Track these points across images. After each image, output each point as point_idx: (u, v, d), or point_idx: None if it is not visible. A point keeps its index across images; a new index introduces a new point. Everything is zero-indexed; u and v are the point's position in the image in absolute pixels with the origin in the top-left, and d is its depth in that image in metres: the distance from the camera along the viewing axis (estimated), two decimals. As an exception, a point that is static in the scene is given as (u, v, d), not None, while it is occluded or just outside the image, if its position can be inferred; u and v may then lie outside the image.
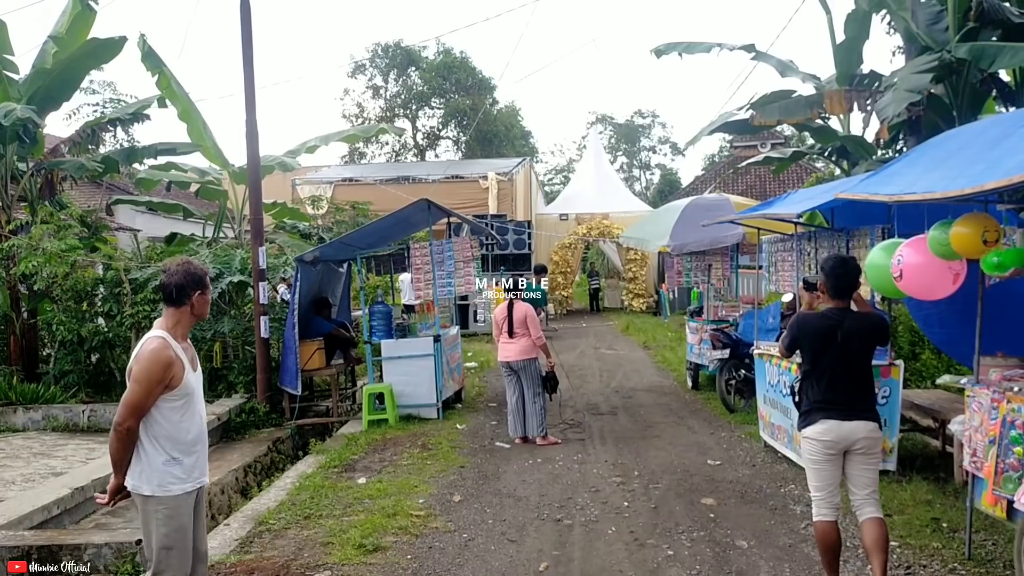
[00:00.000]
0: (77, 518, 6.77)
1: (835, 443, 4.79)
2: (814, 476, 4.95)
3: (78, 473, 7.44)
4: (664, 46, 14.60)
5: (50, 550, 5.45)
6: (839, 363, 4.84)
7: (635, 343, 19.73)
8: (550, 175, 63.72)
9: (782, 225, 9.69)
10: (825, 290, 4.97)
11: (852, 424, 4.77)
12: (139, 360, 3.73)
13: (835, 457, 4.83)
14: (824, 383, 4.87)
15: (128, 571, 5.40)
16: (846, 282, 4.89)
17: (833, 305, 4.94)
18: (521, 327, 9.25)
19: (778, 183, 32.99)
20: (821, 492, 4.90)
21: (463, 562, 5.75)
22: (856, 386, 4.88)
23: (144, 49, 13.57)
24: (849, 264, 4.96)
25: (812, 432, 4.87)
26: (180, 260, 4.03)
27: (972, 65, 10.93)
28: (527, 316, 9.27)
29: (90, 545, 5.44)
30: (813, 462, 4.92)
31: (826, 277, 4.93)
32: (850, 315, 4.92)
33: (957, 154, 4.95)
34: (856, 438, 4.77)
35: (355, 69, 47.52)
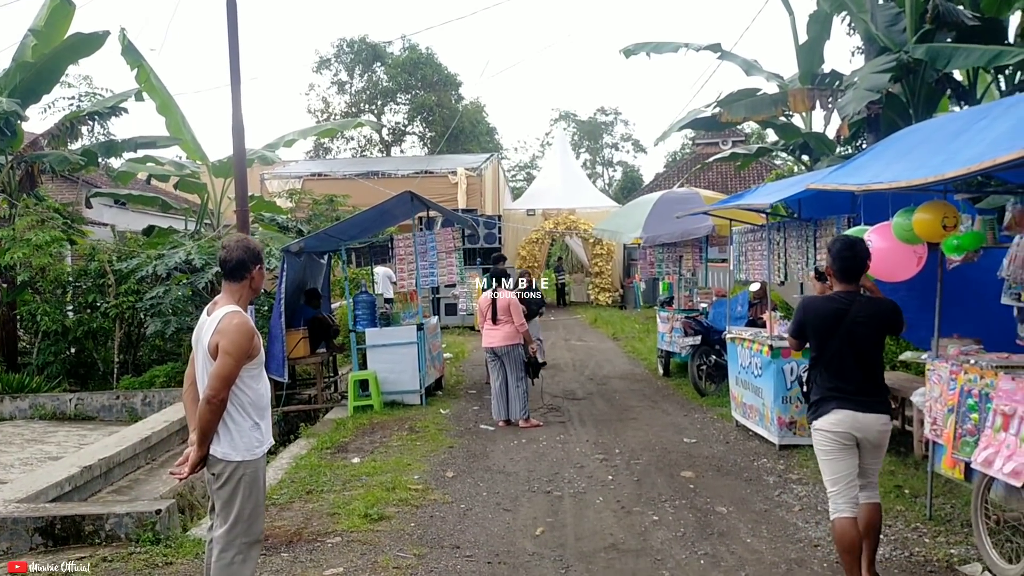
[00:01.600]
0: (85, 495, 7.02)
1: (849, 434, 4.59)
2: (829, 469, 4.69)
3: (84, 453, 7.68)
4: (633, 46, 15.04)
5: (72, 520, 5.71)
6: (847, 349, 4.63)
7: (604, 335, 20.21)
8: (513, 171, 64.10)
9: (752, 216, 10.19)
10: (832, 273, 4.79)
11: (868, 417, 4.59)
12: (226, 334, 3.91)
13: (850, 447, 4.62)
14: (833, 370, 4.66)
15: (149, 539, 5.68)
16: (854, 264, 4.68)
17: (841, 289, 4.74)
18: (505, 314, 9.64)
19: (739, 180, 33.78)
20: (837, 486, 4.64)
21: (464, 528, 6.13)
22: (867, 374, 4.66)
23: (124, 43, 13.72)
24: (857, 246, 4.75)
25: (825, 423, 4.65)
26: (237, 237, 4.29)
27: (928, 65, 11.51)
28: (511, 304, 9.67)
29: (112, 515, 5.72)
30: (827, 454, 4.68)
31: (833, 260, 4.73)
32: (859, 299, 4.70)
33: (919, 147, 5.43)
34: (871, 432, 4.60)
35: (320, 64, 47.50)
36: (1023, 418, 4.83)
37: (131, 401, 11.37)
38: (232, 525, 4.01)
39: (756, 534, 5.88)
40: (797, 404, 7.97)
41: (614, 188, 61.24)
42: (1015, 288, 5.87)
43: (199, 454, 3.98)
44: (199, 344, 4.11)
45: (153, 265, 11.53)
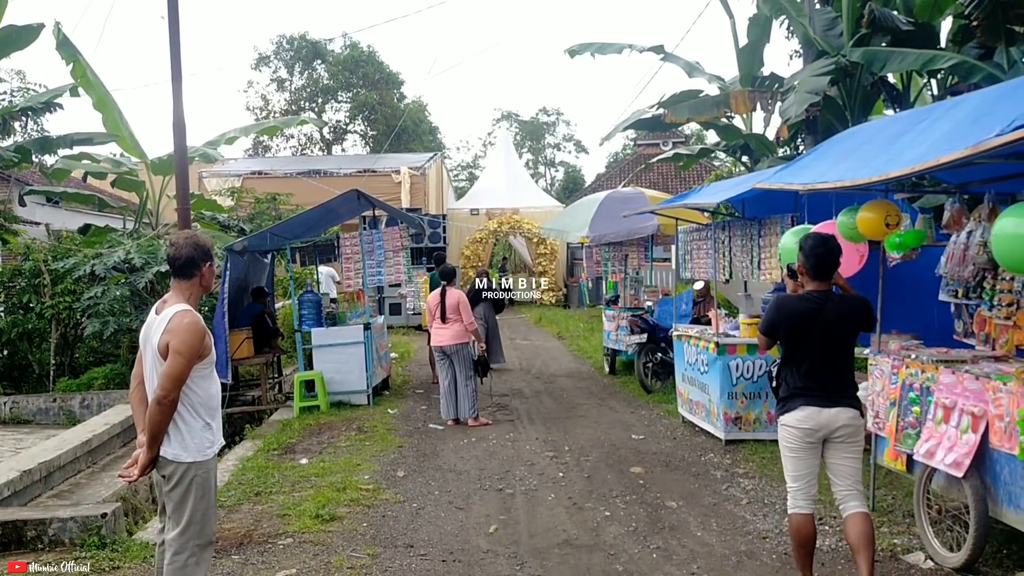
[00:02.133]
0: (24, 500, 6.81)
1: (814, 431, 4.57)
2: (791, 465, 4.70)
3: (23, 457, 7.45)
4: (577, 46, 15.17)
5: (14, 525, 5.54)
6: (820, 348, 4.58)
7: (549, 334, 20.31)
8: (456, 171, 63.98)
9: (697, 216, 10.35)
10: (804, 272, 4.69)
11: (833, 411, 4.56)
12: (177, 333, 3.83)
13: (814, 446, 4.62)
14: (804, 368, 4.61)
15: (95, 543, 5.54)
16: (827, 262, 4.61)
17: (814, 287, 4.65)
18: (454, 313, 9.63)
19: (680, 180, 34.24)
20: (798, 483, 4.66)
21: (417, 527, 6.11)
22: (837, 372, 4.65)
23: (59, 37, 13.34)
24: (830, 243, 4.66)
25: (791, 419, 4.64)
26: (186, 233, 4.20)
27: (864, 69, 11.84)
28: (459, 302, 9.67)
29: (55, 519, 5.56)
30: (791, 451, 4.68)
31: (805, 258, 4.64)
32: (832, 298, 4.65)
33: (862, 148, 5.59)
34: (836, 425, 4.56)
35: (259, 61, 46.74)
36: (963, 411, 5.01)
37: (69, 404, 11.06)
38: (185, 527, 3.94)
39: (706, 527, 5.98)
40: (743, 400, 8.13)
41: (556, 188, 61.54)
42: (952, 285, 6.07)
43: (149, 456, 3.90)
44: (147, 343, 4.02)
45: (91, 264, 11.23)
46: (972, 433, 4.88)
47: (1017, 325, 5.54)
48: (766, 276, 8.12)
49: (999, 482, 4.73)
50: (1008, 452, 4.62)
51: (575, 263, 28.30)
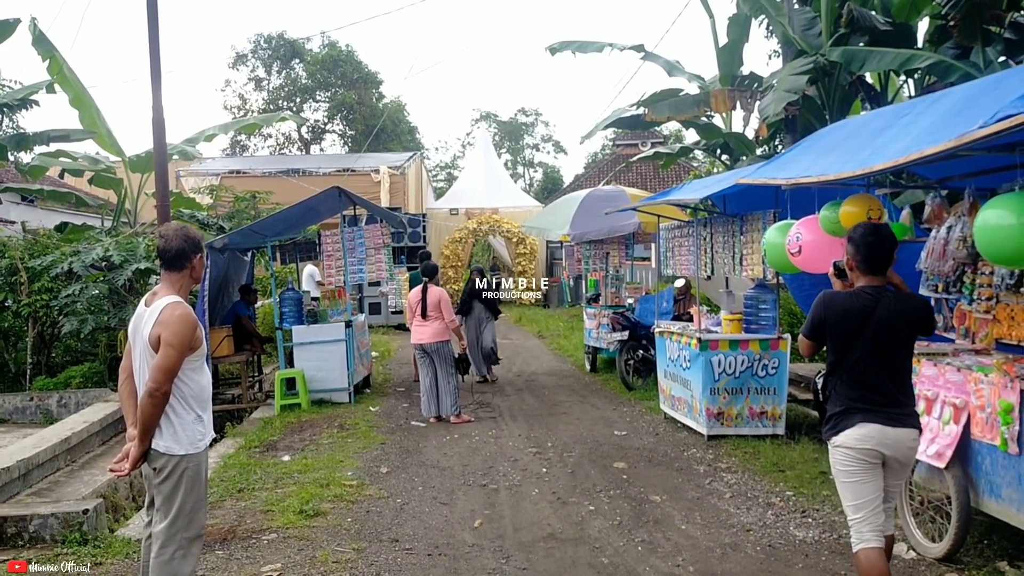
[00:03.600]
0: (3, 498, 6.71)
1: (876, 452, 3.98)
2: (852, 493, 4.07)
3: (1, 454, 7.35)
4: (558, 44, 15.20)
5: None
6: (873, 353, 4.01)
7: (529, 332, 20.33)
8: (435, 171, 63.84)
9: (677, 213, 10.41)
10: (854, 265, 4.14)
11: (899, 432, 3.97)
12: (169, 325, 3.81)
13: (876, 467, 4.01)
14: (856, 377, 4.03)
15: (76, 540, 5.49)
16: (880, 252, 4.06)
17: (866, 283, 4.09)
18: (435, 310, 9.63)
19: (659, 180, 34.36)
20: (862, 512, 4.04)
21: (402, 522, 6.10)
22: (897, 383, 4.05)
23: (35, 33, 13.20)
24: (883, 232, 4.14)
25: (848, 439, 4.01)
26: (176, 226, 4.16)
27: (843, 68, 11.96)
28: (441, 300, 9.66)
29: (36, 516, 5.50)
30: (849, 475, 4.05)
31: (855, 249, 4.10)
32: (887, 295, 4.07)
33: (845, 143, 5.64)
34: (901, 450, 4.01)
35: (237, 60, 46.45)
36: (945, 402, 5.07)
37: (46, 403, 10.91)
38: (173, 520, 3.91)
39: (690, 521, 6.01)
40: (725, 395, 8.17)
41: (535, 189, 61.56)
42: (932, 280, 6.15)
43: (141, 448, 3.87)
44: (137, 336, 3.99)
45: (68, 262, 11.09)
46: (954, 424, 4.95)
47: (996, 319, 5.62)
48: (748, 272, 8.19)
49: (981, 473, 4.79)
50: (989, 443, 4.69)
51: (555, 263, 28.34)
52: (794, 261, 5.94)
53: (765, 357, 8.17)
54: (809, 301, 8.80)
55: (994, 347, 5.54)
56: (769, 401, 8.20)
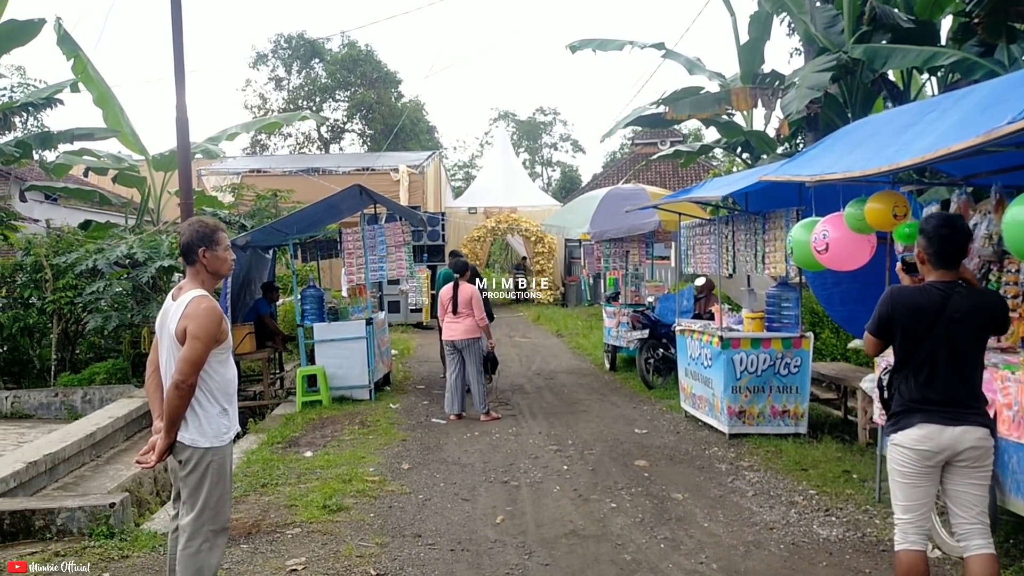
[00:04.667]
0: (30, 492, 6.81)
1: (934, 453, 3.86)
2: (904, 493, 3.98)
3: (28, 449, 7.45)
4: (578, 42, 15.18)
5: (22, 514, 5.54)
6: (943, 351, 3.86)
7: (548, 331, 20.32)
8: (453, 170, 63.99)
9: (699, 211, 10.39)
10: (925, 258, 3.97)
11: (957, 430, 3.84)
12: (195, 318, 3.84)
13: (933, 471, 3.91)
14: (923, 376, 3.90)
15: (103, 533, 5.54)
16: (954, 245, 3.90)
17: (937, 277, 3.93)
18: (466, 307, 9.65)
19: (678, 179, 34.28)
20: (910, 514, 3.97)
21: (424, 517, 6.12)
22: (964, 381, 3.90)
23: (60, 33, 13.35)
24: (957, 223, 3.98)
25: (905, 439, 3.93)
26: (192, 218, 4.20)
27: (866, 66, 11.88)
28: (472, 297, 9.68)
29: (63, 509, 5.56)
30: (904, 476, 3.96)
31: (928, 241, 3.93)
32: (958, 290, 3.89)
33: (870, 139, 5.60)
34: (962, 448, 3.84)
35: (257, 60, 46.71)
36: (970, 400, 5.02)
37: (70, 399, 11.04)
38: (199, 512, 3.95)
39: (713, 519, 6.00)
40: (747, 394, 8.14)
41: (553, 188, 61.57)
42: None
43: (167, 441, 3.90)
44: (164, 329, 4.03)
45: (93, 259, 11.21)
46: (980, 422, 4.90)
47: (1022, 316, 5.57)
48: (770, 270, 8.16)
49: (1007, 471, 4.75)
50: (1016, 441, 4.65)
51: (573, 262, 28.31)
52: (820, 259, 5.92)
53: (787, 356, 8.14)
54: (831, 299, 8.84)
55: (1020, 345, 5.49)
56: (791, 400, 8.17)
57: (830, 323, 11.03)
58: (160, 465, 3.99)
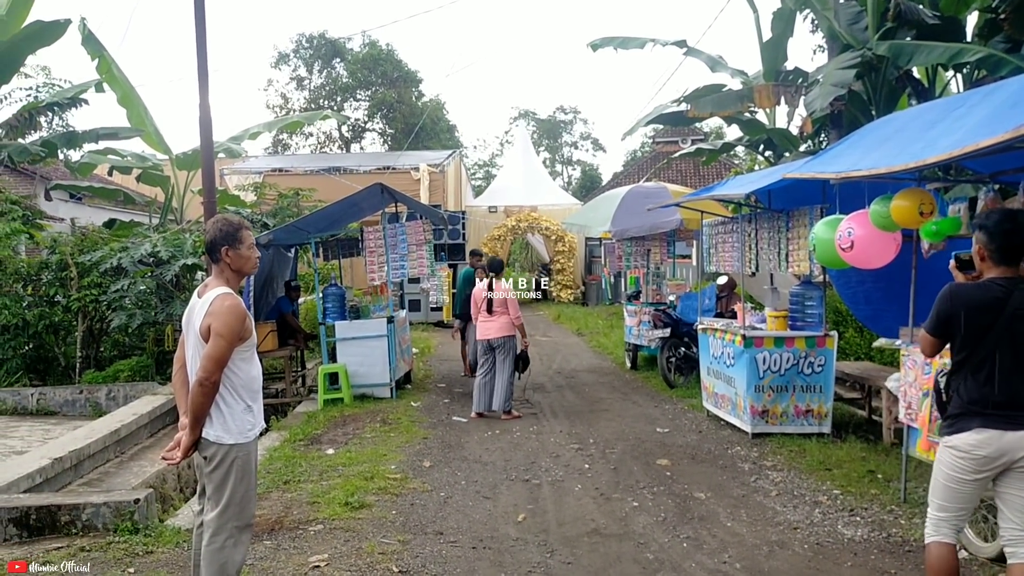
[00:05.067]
0: (56, 487, 6.88)
1: (991, 459, 3.71)
2: (947, 495, 3.88)
3: (54, 445, 7.52)
4: (600, 40, 15.14)
5: (48, 510, 5.60)
6: (1005, 350, 3.71)
7: (568, 330, 20.29)
8: (473, 169, 64.08)
9: (721, 209, 10.32)
10: (986, 255, 3.83)
11: (1018, 434, 3.68)
12: (218, 316, 3.85)
13: (985, 477, 3.78)
14: (983, 376, 3.75)
15: (128, 528, 5.59)
16: (1016, 240, 3.77)
17: (998, 273, 3.80)
18: (500, 306, 9.66)
19: (699, 178, 34.13)
20: (947, 512, 3.90)
21: (446, 515, 6.13)
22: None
23: (84, 33, 13.47)
24: (1019, 218, 3.84)
25: (962, 442, 3.78)
26: (217, 216, 4.22)
27: (890, 62, 11.77)
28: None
29: (88, 505, 5.61)
30: (953, 480, 3.84)
31: (989, 237, 3.80)
32: (1021, 286, 3.75)
33: (896, 136, 5.55)
34: (1022, 453, 3.68)
35: (279, 59, 46.98)
36: (999, 399, 4.95)
37: (95, 396, 11.15)
38: (224, 508, 3.96)
39: (736, 518, 5.96)
40: (770, 393, 8.09)
41: (573, 187, 61.52)
42: (985, 275, 6.02)
43: (192, 438, 3.92)
44: (190, 327, 4.04)
45: (117, 258, 11.31)
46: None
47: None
48: (794, 268, 8.10)
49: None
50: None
51: (593, 260, 28.25)
52: (845, 256, 5.86)
53: (811, 355, 8.08)
54: (856, 298, 8.76)
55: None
56: (815, 399, 8.11)
57: (854, 322, 10.94)
58: (185, 461, 4.01)
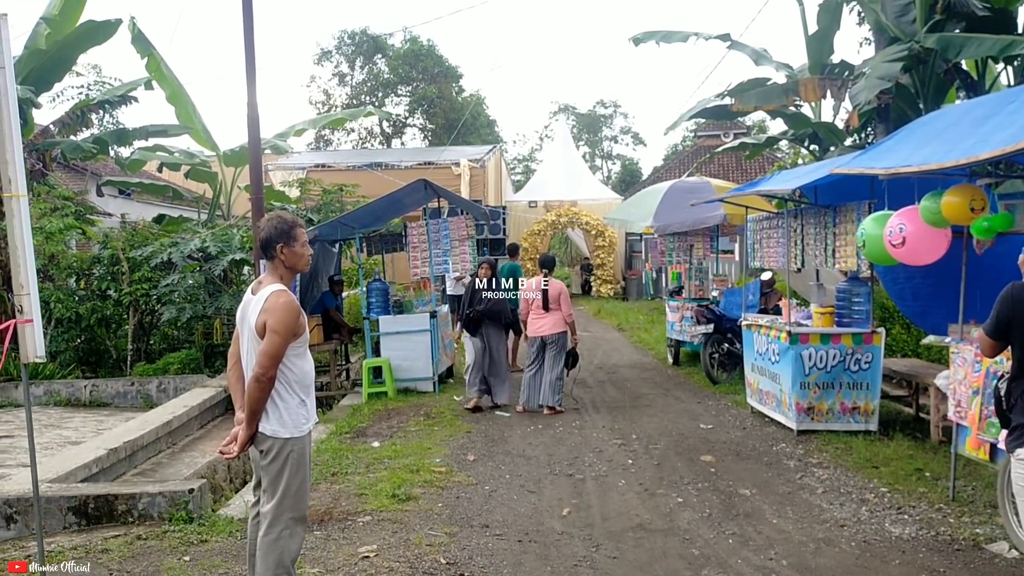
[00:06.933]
0: (111, 477, 7.07)
1: None
2: None
3: (109, 436, 7.72)
4: (642, 34, 15.08)
5: (106, 499, 5.76)
6: None
7: (609, 326, 20.25)
8: (512, 164, 64.14)
9: (765, 204, 10.26)
10: None
11: None
12: (273, 312, 3.93)
13: None
14: None
15: (182, 518, 5.74)
16: None
17: None
18: (555, 302, 9.65)
19: (742, 172, 33.86)
20: None
21: (491, 508, 6.19)
22: None
23: (134, 32, 13.74)
24: None
25: None
26: (271, 214, 4.31)
27: (939, 55, 11.60)
28: (561, 293, 9.69)
29: (144, 495, 5.76)
30: None
31: None
32: None
33: (946, 131, 5.49)
34: None
35: (321, 56, 47.45)
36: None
37: (146, 388, 11.40)
38: (280, 500, 4.05)
39: (782, 515, 5.95)
40: (816, 390, 8.04)
41: (613, 181, 61.31)
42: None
43: (248, 432, 4.01)
44: (244, 323, 4.13)
45: (168, 253, 11.55)
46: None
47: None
48: (841, 264, 8.03)
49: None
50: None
51: (634, 255, 28.15)
52: (895, 253, 5.82)
53: (858, 351, 8.01)
54: (903, 294, 8.67)
55: None
56: (862, 396, 8.03)
57: (901, 318, 10.80)
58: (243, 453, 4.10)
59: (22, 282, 4.42)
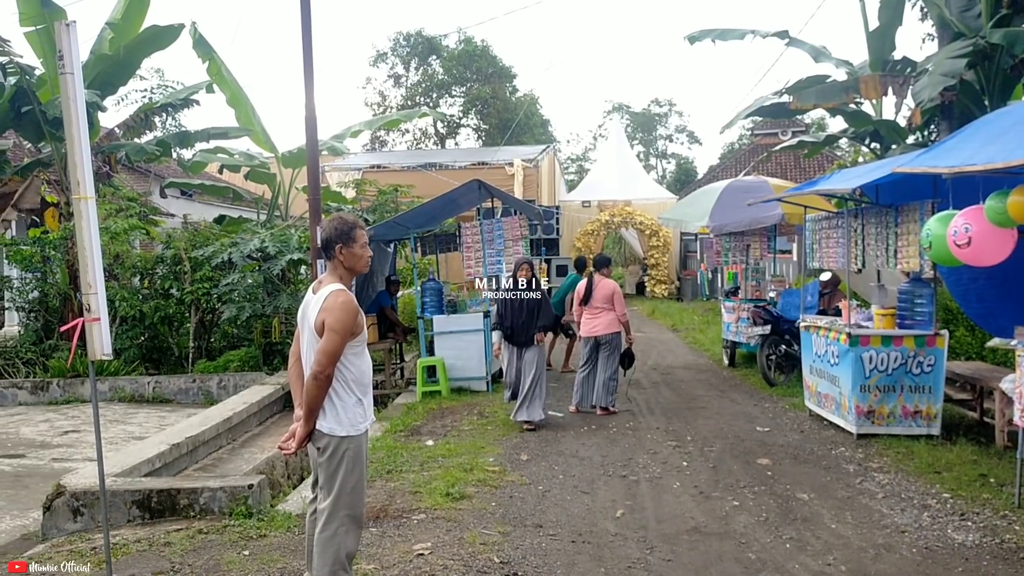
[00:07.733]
0: (173, 472, 7.25)
1: None
2: None
3: (171, 432, 7.92)
4: (698, 33, 14.93)
5: (168, 493, 5.92)
6: None
7: (663, 326, 20.11)
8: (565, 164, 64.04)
9: (825, 204, 10.10)
10: None
11: None
12: (332, 312, 3.99)
13: None
14: None
15: (242, 512, 5.86)
16: None
17: None
18: (607, 302, 9.58)
19: (800, 171, 33.31)
20: None
21: (544, 508, 6.20)
22: None
23: (195, 36, 14.04)
24: None
25: None
26: (334, 215, 4.38)
27: (1004, 51, 11.28)
28: (614, 292, 9.61)
29: (206, 489, 5.90)
30: None
31: None
32: None
33: (1013, 129, 5.35)
34: None
35: (377, 58, 47.96)
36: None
37: (207, 385, 11.65)
38: (336, 498, 4.10)
39: (840, 520, 5.84)
40: (876, 393, 7.88)
41: (667, 180, 60.87)
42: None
43: (306, 429, 4.07)
44: (304, 321, 4.21)
45: (228, 253, 11.79)
46: None
47: None
48: (903, 265, 7.87)
49: None
50: None
51: (688, 255, 27.90)
52: (959, 254, 5.67)
53: (920, 354, 7.83)
54: (967, 296, 8.47)
55: None
56: (924, 400, 7.86)
57: (965, 320, 10.54)
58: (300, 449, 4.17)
59: (90, 281, 4.53)
